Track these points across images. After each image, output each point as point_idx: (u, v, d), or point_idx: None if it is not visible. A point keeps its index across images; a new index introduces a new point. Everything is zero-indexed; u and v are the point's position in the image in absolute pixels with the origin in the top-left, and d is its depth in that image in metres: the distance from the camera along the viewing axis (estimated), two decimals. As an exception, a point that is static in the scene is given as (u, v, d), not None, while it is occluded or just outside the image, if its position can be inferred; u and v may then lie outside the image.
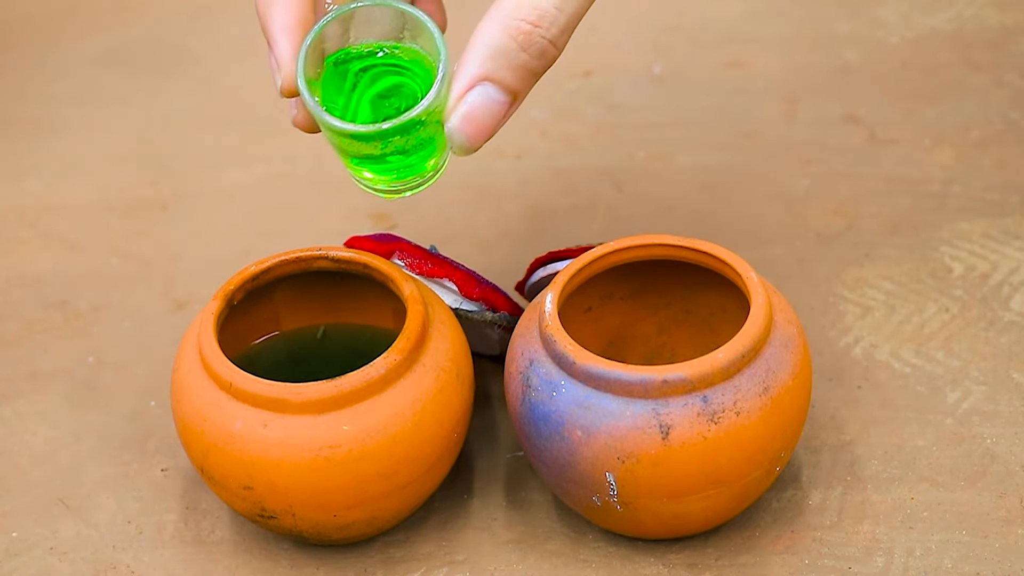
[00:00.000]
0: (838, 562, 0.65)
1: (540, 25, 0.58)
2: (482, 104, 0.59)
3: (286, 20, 0.60)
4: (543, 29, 0.59)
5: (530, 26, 0.58)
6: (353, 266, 0.67)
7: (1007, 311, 0.75)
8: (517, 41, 0.58)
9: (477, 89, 0.59)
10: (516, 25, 0.58)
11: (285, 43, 0.60)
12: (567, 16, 0.59)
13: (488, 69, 0.59)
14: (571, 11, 0.59)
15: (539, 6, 0.58)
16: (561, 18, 0.59)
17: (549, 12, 0.59)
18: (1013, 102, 0.89)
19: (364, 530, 0.65)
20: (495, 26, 0.58)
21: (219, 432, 0.62)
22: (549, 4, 0.58)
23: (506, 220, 0.85)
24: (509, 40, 0.58)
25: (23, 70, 1.01)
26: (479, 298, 0.69)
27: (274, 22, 0.60)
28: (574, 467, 0.62)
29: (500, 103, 0.59)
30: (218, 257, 0.84)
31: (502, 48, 0.58)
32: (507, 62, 0.59)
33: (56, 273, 0.84)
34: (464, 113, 0.59)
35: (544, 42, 0.59)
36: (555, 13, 0.59)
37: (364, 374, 0.62)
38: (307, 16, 0.60)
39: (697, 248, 0.66)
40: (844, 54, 0.94)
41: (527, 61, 0.59)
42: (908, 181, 0.84)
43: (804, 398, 0.64)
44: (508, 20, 0.58)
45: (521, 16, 0.58)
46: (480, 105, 0.59)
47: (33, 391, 0.76)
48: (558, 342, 0.62)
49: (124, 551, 0.68)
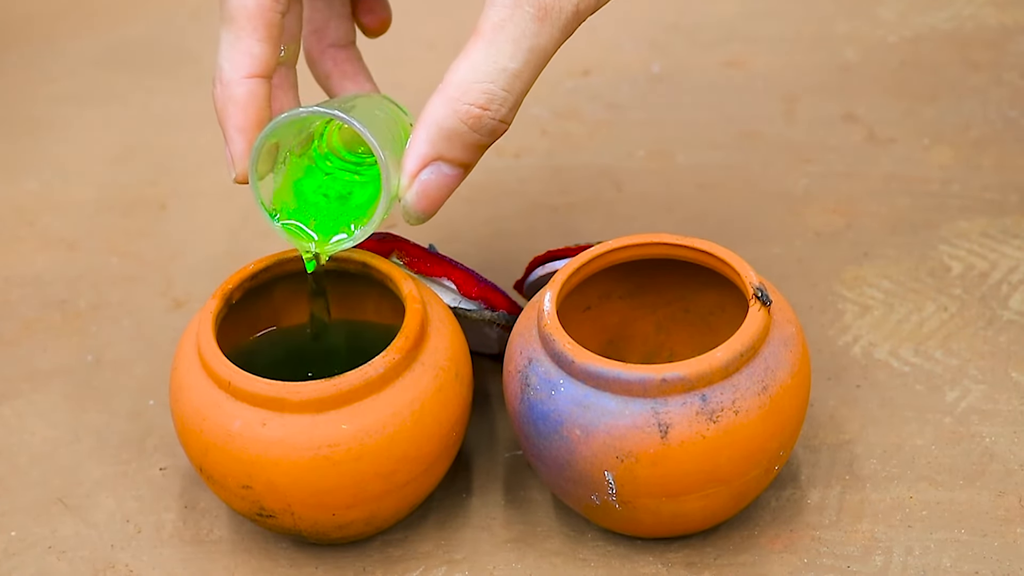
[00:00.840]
0: (837, 561, 0.65)
1: (489, 108, 0.60)
2: (435, 181, 0.61)
3: (241, 122, 0.62)
4: (492, 111, 0.60)
5: (480, 110, 0.60)
6: (352, 265, 0.67)
7: (1006, 310, 0.75)
8: (467, 124, 0.60)
9: (430, 168, 0.61)
10: (466, 109, 0.60)
11: (240, 142, 0.62)
12: (515, 95, 0.61)
13: (440, 150, 0.61)
14: (519, 90, 0.61)
15: (488, 91, 0.60)
16: (510, 99, 0.60)
17: (498, 95, 0.60)
18: (1012, 101, 0.89)
19: (363, 529, 0.65)
20: (445, 110, 0.60)
21: (218, 431, 0.62)
22: (497, 87, 0.60)
23: (505, 219, 0.85)
24: (459, 124, 0.60)
25: (23, 70, 1.01)
26: (478, 297, 0.69)
27: (230, 122, 0.62)
28: (573, 466, 0.62)
29: (452, 177, 0.62)
30: (217, 256, 0.84)
31: (453, 131, 0.60)
32: (459, 143, 0.61)
33: (55, 272, 0.84)
34: (418, 191, 0.61)
35: (494, 123, 0.61)
36: (504, 95, 0.60)
37: (363, 373, 0.62)
38: (262, 118, 0.62)
39: (696, 247, 0.66)
40: (843, 53, 0.94)
41: (478, 140, 0.61)
42: (907, 180, 0.84)
43: (803, 397, 0.64)
44: (457, 104, 0.60)
45: (470, 100, 0.60)
46: (433, 182, 0.61)
47: (32, 390, 0.76)
48: (557, 341, 0.62)
49: (123, 550, 0.68)
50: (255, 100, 0.62)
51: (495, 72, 0.60)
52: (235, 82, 0.61)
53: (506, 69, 0.60)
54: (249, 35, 0.61)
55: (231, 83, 0.62)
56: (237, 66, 0.61)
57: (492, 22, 0.59)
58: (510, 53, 0.60)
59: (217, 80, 0.62)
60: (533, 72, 0.60)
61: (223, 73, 0.62)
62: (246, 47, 0.62)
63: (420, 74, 0.79)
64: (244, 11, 0.61)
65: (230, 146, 0.62)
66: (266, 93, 0.62)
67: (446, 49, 0.98)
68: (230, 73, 0.61)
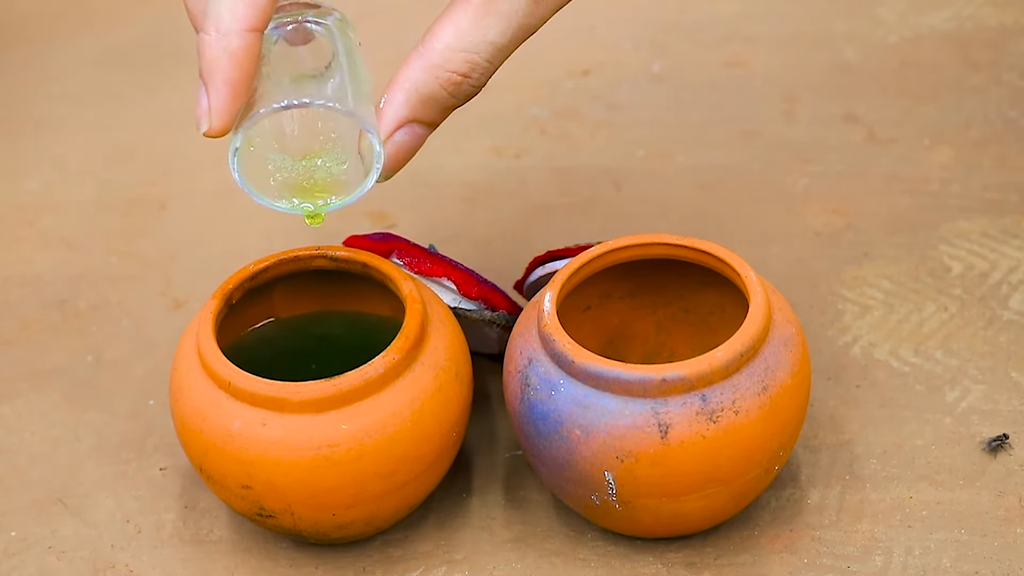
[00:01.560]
0: (837, 561, 0.65)
1: (470, 76, 0.60)
2: (407, 142, 0.61)
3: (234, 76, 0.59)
4: (473, 79, 0.60)
5: (461, 77, 0.60)
6: (352, 265, 0.67)
7: (1006, 310, 0.75)
8: (447, 91, 0.60)
9: (404, 129, 0.61)
10: (447, 76, 0.60)
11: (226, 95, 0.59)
12: (495, 66, 0.61)
13: (417, 113, 0.61)
14: (499, 61, 0.61)
15: (470, 59, 0.60)
16: (490, 68, 0.61)
17: (479, 65, 0.60)
18: (1012, 101, 0.89)
19: (363, 529, 0.65)
20: (425, 75, 0.60)
21: (218, 431, 0.62)
22: (480, 58, 0.60)
23: (505, 219, 0.85)
24: (439, 89, 0.60)
25: (23, 70, 1.01)
26: (478, 297, 0.69)
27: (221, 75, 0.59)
28: (573, 466, 0.62)
29: (422, 135, 0.62)
30: (217, 256, 0.84)
31: (432, 96, 0.60)
32: (435, 107, 0.61)
33: (55, 272, 0.84)
34: (392, 152, 0.61)
35: (471, 89, 0.61)
36: (485, 66, 0.60)
37: (363, 373, 0.62)
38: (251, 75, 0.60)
39: (696, 247, 0.66)
40: (843, 53, 0.94)
41: (453, 103, 0.61)
42: (907, 180, 0.84)
43: (803, 397, 0.64)
44: (438, 71, 0.60)
45: (452, 68, 0.60)
46: (405, 143, 0.61)
47: (32, 390, 0.76)
48: (557, 341, 0.62)
49: (123, 550, 0.68)
50: (250, 56, 0.59)
51: (482, 44, 0.60)
52: (235, 33, 0.58)
53: (493, 43, 0.60)
54: None
55: (230, 34, 0.58)
56: (239, 17, 0.58)
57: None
58: (500, 29, 0.60)
59: (212, 28, 0.59)
60: (515, 47, 0.61)
61: (221, 22, 0.58)
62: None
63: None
64: None
65: (213, 97, 0.59)
66: (259, 50, 0.59)
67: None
68: (230, 23, 0.58)
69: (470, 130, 0.90)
